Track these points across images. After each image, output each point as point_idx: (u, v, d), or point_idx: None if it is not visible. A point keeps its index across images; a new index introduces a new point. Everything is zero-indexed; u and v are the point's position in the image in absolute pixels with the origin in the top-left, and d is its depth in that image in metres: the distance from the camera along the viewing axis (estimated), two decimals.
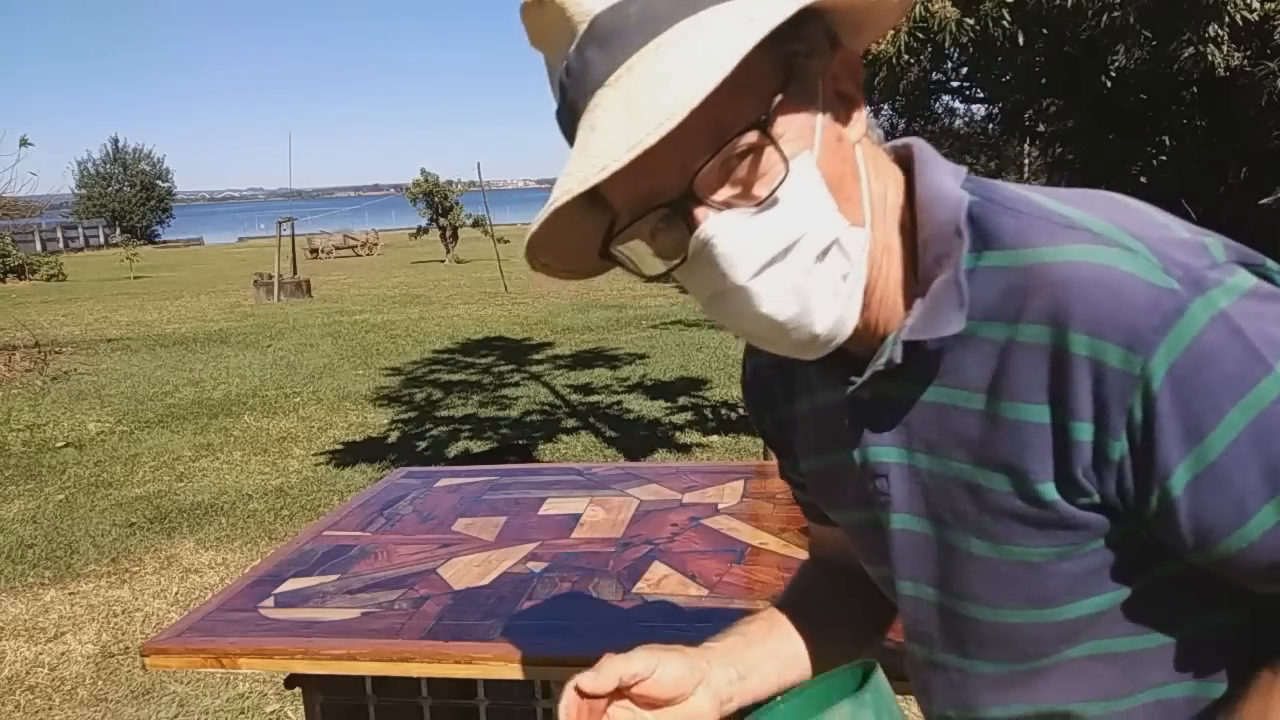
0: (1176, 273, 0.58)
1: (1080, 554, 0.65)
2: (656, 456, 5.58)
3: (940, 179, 0.68)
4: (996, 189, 0.67)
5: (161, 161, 57.08)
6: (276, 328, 12.38)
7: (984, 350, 0.64)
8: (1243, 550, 0.60)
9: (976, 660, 0.73)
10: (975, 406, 0.65)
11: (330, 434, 6.70)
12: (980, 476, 0.66)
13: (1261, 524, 0.58)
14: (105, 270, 26.25)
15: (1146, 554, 0.65)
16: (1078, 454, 0.61)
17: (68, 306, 16.37)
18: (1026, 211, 0.64)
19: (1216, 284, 0.58)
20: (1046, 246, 0.62)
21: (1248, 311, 0.58)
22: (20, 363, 10.01)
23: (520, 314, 12.75)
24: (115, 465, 6.16)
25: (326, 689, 1.56)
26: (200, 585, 4.14)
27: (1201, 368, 0.57)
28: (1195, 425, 0.58)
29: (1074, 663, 0.69)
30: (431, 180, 23.28)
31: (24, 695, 3.30)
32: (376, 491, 2.15)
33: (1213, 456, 0.58)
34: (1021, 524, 0.65)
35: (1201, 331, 0.57)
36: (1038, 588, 0.66)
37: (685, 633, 1.38)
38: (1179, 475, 0.59)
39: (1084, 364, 0.60)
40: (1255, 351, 0.57)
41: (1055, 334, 0.61)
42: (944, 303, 0.64)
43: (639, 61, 0.59)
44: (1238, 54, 5.85)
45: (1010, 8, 4.92)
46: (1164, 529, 0.62)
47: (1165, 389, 0.58)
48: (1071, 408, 0.61)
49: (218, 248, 44.21)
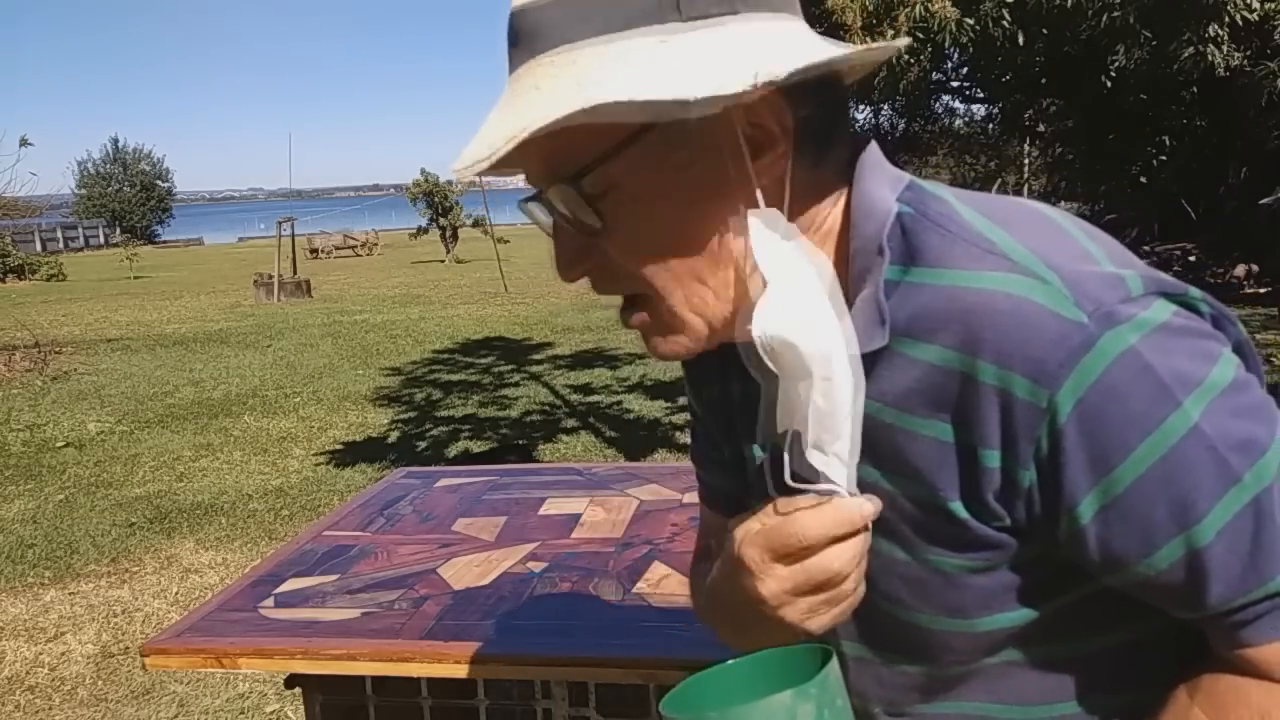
0: (1087, 306, 0.58)
1: (994, 570, 0.65)
2: (656, 456, 5.58)
3: (874, 190, 0.67)
4: (931, 202, 0.66)
5: (161, 161, 57.14)
6: (276, 328, 12.38)
7: (899, 365, 0.64)
8: (1151, 577, 0.61)
9: (900, 660, 0.74)
10: (888, 420, 0.65)
11: (330, 434, 6.70)
12: (895, 486, 0.66)
13: (1168, 556, 0.59)
14: (105, 270, 26.25)
15: (1063, 574, 0.65)
16: (987, 480, 0.62)
17: (68, 306, 16.37)
18: (953, 231, 0.64)
19: (1127, 318, 0.58)
20: (964, 270, 0.62)
21: (1158, 346, 0.58)
22: (20, 363, 10.01)
23: (520, 314, 12.75)
24: (115, 465, 6.16)
25: (326, 689, 1.57)
26: (200, 585, 4.14)
27: (1109, 402, 0.57)
28: (1103, 459, 0.58)
29: (994, 668, 0.70)
30: (431, 180, 23.28)
31: (24, 695, 3.30)
32: (376, 491, 2.15)
33: (1119, 490, 0.59)
34: (933, 536, 0.66)
35: (1109, 366, 0.57)
36: (953, 598, 0.67)
37: (685, 633, 1.38)
38: (1086, 505, 0.60)
39: (992, 393, 0.60)
40: (1164, 387, 0.57)
41: (965, 361, 0.61)
42: (866, 318, 0.64)
43: (525, 71, 0.62)
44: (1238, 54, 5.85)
45: (1010, 8, 4.93)
46: (1075, 551, 0.62)
47: (1071, 423, 0.58)
48: (980, 434, 0.61)
49: (218, 248, 44.23)
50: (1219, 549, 0.58)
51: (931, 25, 4.35)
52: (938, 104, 11.77)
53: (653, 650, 1.35)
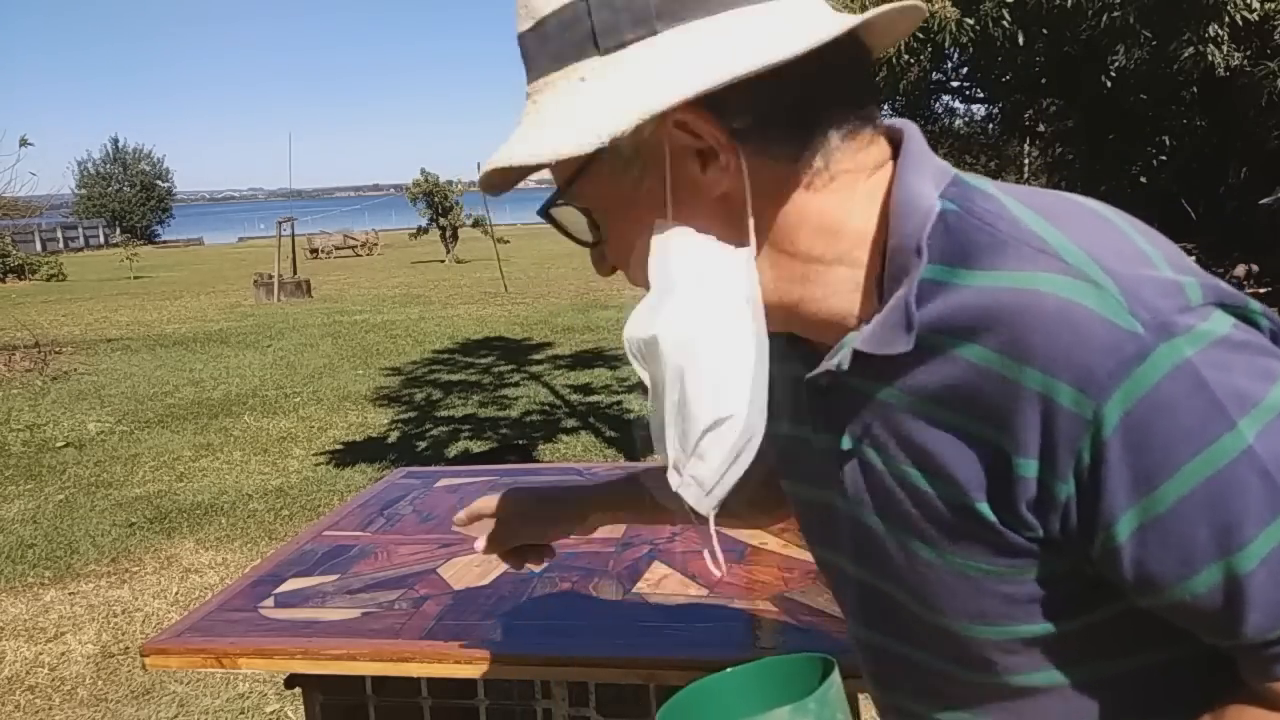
0: (1143, 315, 0.55)
1: (1020, 579, 0.63)
2: (656, 457, 5.58)
3: (915, 185, 0.64)
4: (977, 199, 0.64)
5: (161, 161, 57.19)
6: (276, 328, 12.38)
7: (935, 362, 0.62)
8: (1187, 602, 0.58)
9: (918, 650, 0.73)
10: (921, 414, 0.64)
11: (330, 434, 6.70)
12: (925, 484, 0.65)
13: (1207, 580, 0.57)
14: (105, 270, 26.26)
15: (1093, 591, 0.63)
16: (1022, 489, 0.59)
17: (68, 306, 16.37)
18: (1002, 230, 0.61)
19: (1185, 330, 0.55)
20: (1015, 271, 0.59)
21: (1214, 361, 0.55)
22: (20, 363, 10.01)
23: (520, 314, 12.75)
24: (115, 465, 6.16)
25: (326, 689, 1.57)
26: (200, 585, 4.15)
27: (1158, 418, 0.55)
28: (1146, 476, 0.56)
29: (1016, 690, 0.68)
30: (431, 180, 23.27)
31: (24, 695, 3.30)
32: (376, 491, 2.15)
33: (1162, 509, 0.56)
34: (961, 537, 0.64)
35: (1162, 379, 0.54)
36: (975, 603, 0.65)
37: (685, 633, 1.38)
38: (1125, 523, 0.57)
39: (1034, 399, 0.57)
40: (1219, 405, 0.54)
41: (1008, 364, 0.58)
42: (894, 322, 0.62)
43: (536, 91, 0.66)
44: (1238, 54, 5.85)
45: (1010, 8, 4.93)
46: (1109, 570, 0.60)
47: (1117, 436, 0.55)
48: (1019, 441, 0.59)
49: (218, 248, 44.23)
50: (1261, 577, 0.56)
51: (931, 25, 4.35)
52: (938, 104, 11.78)
53: (653, 650, 1.35)
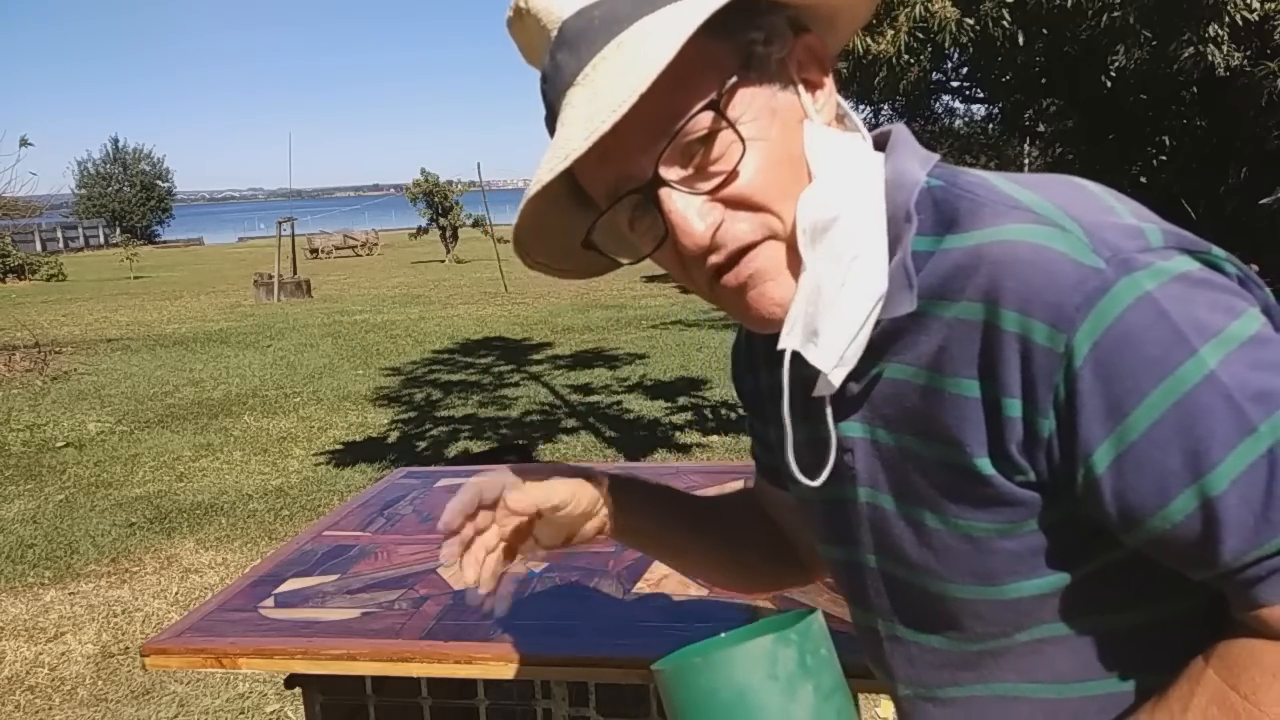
0: (1105, 253, 0.59)
1: (1020, 532, 0.66)
2: (656, 456, 5.58)
3: (904, 164, 0.70)
4: (960, 175, 0.69)
5: (161, 161, 57.18)
6: (276, 328, 12.38)
7: (932, 327, 0.66)
8: (1167, 531, 0.60)
9: (931, 636, 0.74)
10: (921, 382, 0.67)
11: (330, 434, 6.70)
12: (927, 450, 0.68)
13: (1183, 507, 0.59)
14: (105, 270, 26.25)
15: (1088, 537, 0.65)
16: (1010, 431, 0.63)
17: (68, 306, 16.37)
18: (980, 194, 0.66)
19: (1144, 266, 0.59)
20: (990, 227, 0.64)
21: (1174, 295, 0.58)
22: (20, 363, 10.01)
23: (520, 314, 12.75)
24: (115, 465, 6.16)
25: (326, 689, 1.57)
26: (200, 585, 4.14)
27: (1124, 347, 0.58)
28: (1117, 404, 0.59)
29: (1024, 645, 0.70)
30: (431, 180, 23.28)
31: (24, 695, 3.30)
32: (376, 491, 2.15)
33: (1134, 436, 0.59)
34: (962, 498, 0.67)
35: (1125, 311, 0.58)
36: (980, 563, 0.68)
37: (685, 633, 1.38)
38: (1101, 454, 0.60)
39: (1013, 340, 0.61)
40: (1180, 334, 0.58)
41: (988, 310, 0.62)
42: (896, 284, 0.67)
43: (601, 60, 0.63)
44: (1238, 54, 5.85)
45: (1010, 8, 4.93)
46: (1093, 507, 0.63)
47: (1087, 366, 0.59)
48: (1003, 383, 0.62)
49: (218, 248, 44.23)
50: (1233, 499, 0.58)
51: (931, 25, 4.35)
52: (938, 104, 11.77)
53: (653, 650, 1.34)
